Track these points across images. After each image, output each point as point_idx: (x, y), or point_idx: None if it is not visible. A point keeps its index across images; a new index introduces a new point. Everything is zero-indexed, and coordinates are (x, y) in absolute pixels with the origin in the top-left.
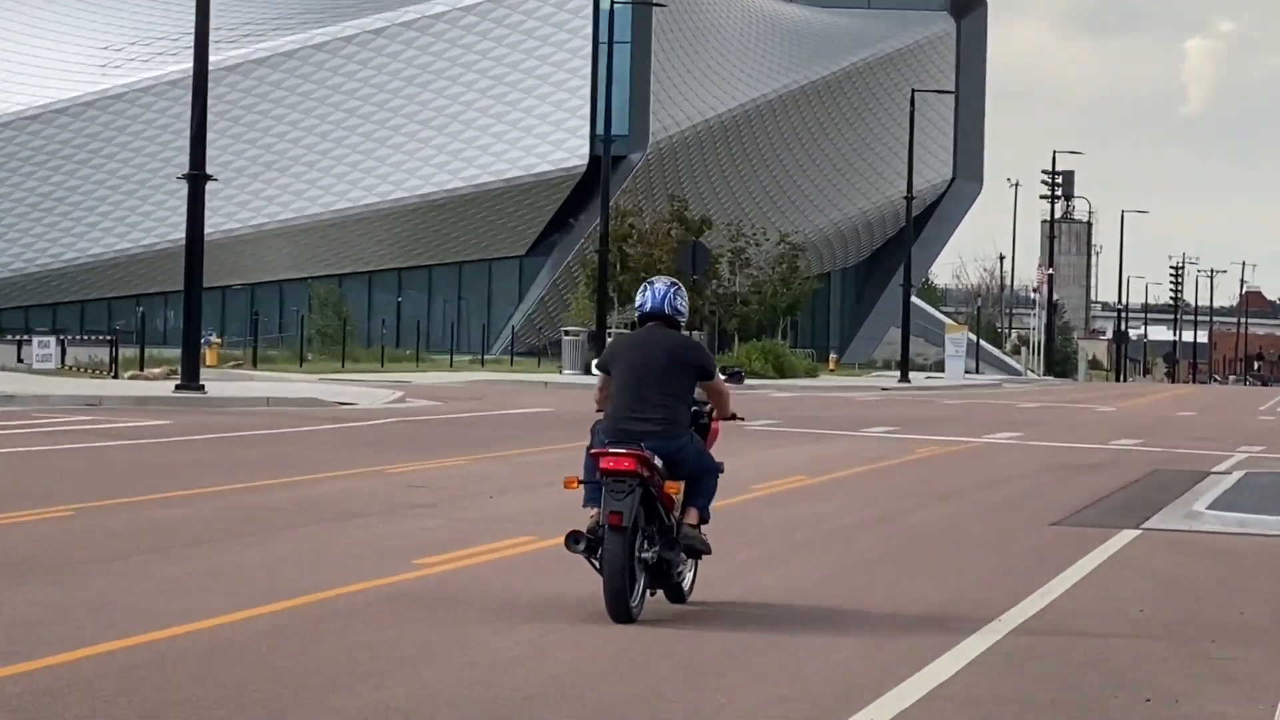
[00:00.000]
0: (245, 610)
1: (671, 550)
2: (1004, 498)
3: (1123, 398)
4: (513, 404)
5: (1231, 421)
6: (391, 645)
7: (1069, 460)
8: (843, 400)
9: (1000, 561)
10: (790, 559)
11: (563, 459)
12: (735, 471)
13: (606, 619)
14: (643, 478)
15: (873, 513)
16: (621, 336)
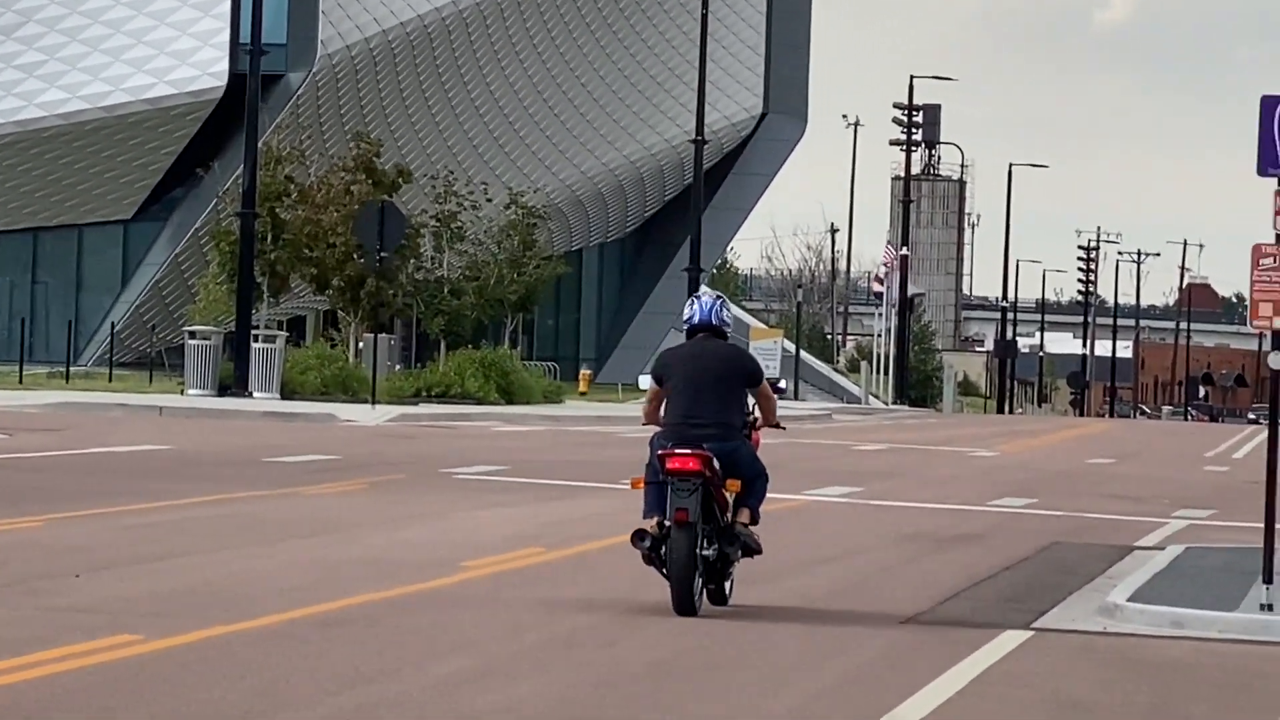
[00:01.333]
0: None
1: (731, 546)
2: (835, 581)
3: (1009, 437)
4: (112, 438)
5: (1166, 474)
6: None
7: (930, 527)
8: (599, 437)
9: (828, 676)
10: (518, 673)
11: (189, 518)
12: (441, 540)
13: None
14: (705, 477)
15: (641, 603)
16: (673, 349)
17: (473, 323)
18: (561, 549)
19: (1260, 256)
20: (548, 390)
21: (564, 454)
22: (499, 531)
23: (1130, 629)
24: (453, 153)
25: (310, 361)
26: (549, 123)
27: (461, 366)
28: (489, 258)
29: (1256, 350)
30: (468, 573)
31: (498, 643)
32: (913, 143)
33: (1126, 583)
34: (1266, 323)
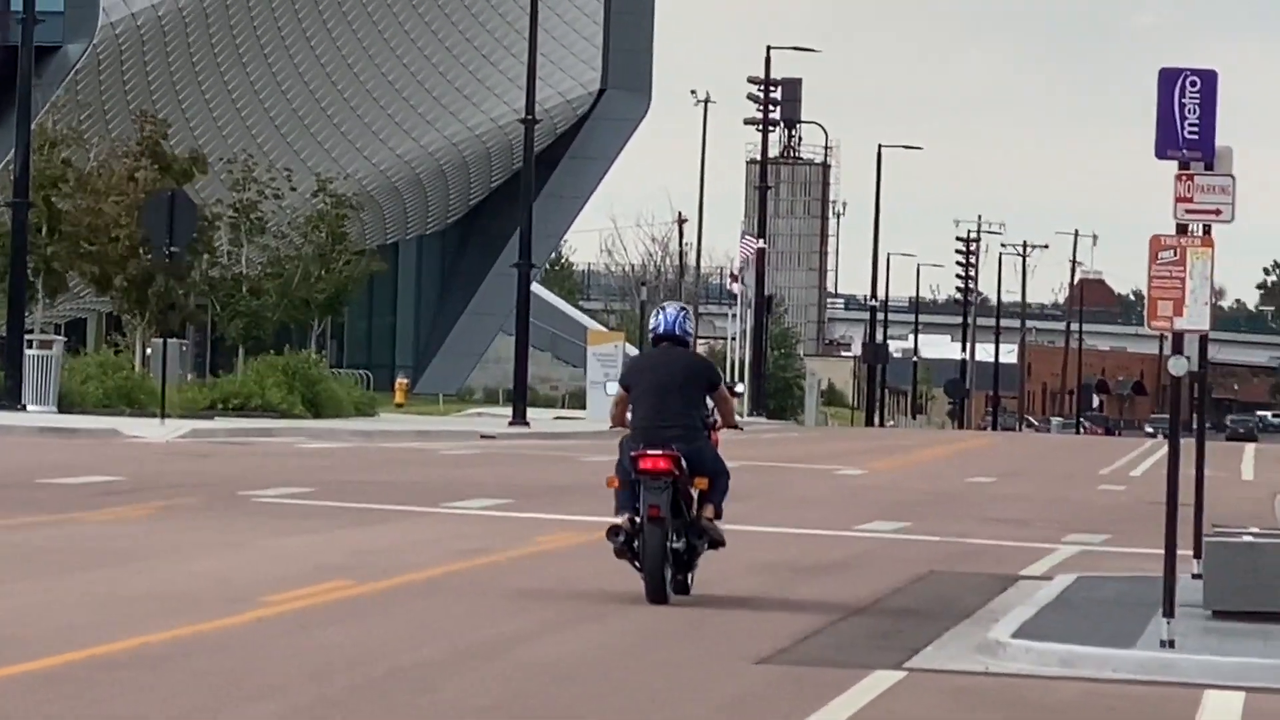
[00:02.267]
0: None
1: (699, 539)
2: (684, 616)
3: (879, 453)
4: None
5: (1055, 494)
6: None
7: (790, 556)
8: (417, 455)
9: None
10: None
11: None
12: (238, 572)
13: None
14: (675, 476)
15: (467, 642)
16: (639, 357)
17: (275, 326)
18: (373, 581)
19: (1159, 249)
20: (360, 402)
21: (377, 474)
22: (303, 562)
23: (1014, 669)
24: (252, 134)
25: (91, 370)
26: (361, 101)
27: (262, 375)
28: (293, 252)
29: (1157, 354)
30: (268, 608)
31: (303, 687)
32: (770, 122)
33: (1010, 617)
34: (1166, 323)
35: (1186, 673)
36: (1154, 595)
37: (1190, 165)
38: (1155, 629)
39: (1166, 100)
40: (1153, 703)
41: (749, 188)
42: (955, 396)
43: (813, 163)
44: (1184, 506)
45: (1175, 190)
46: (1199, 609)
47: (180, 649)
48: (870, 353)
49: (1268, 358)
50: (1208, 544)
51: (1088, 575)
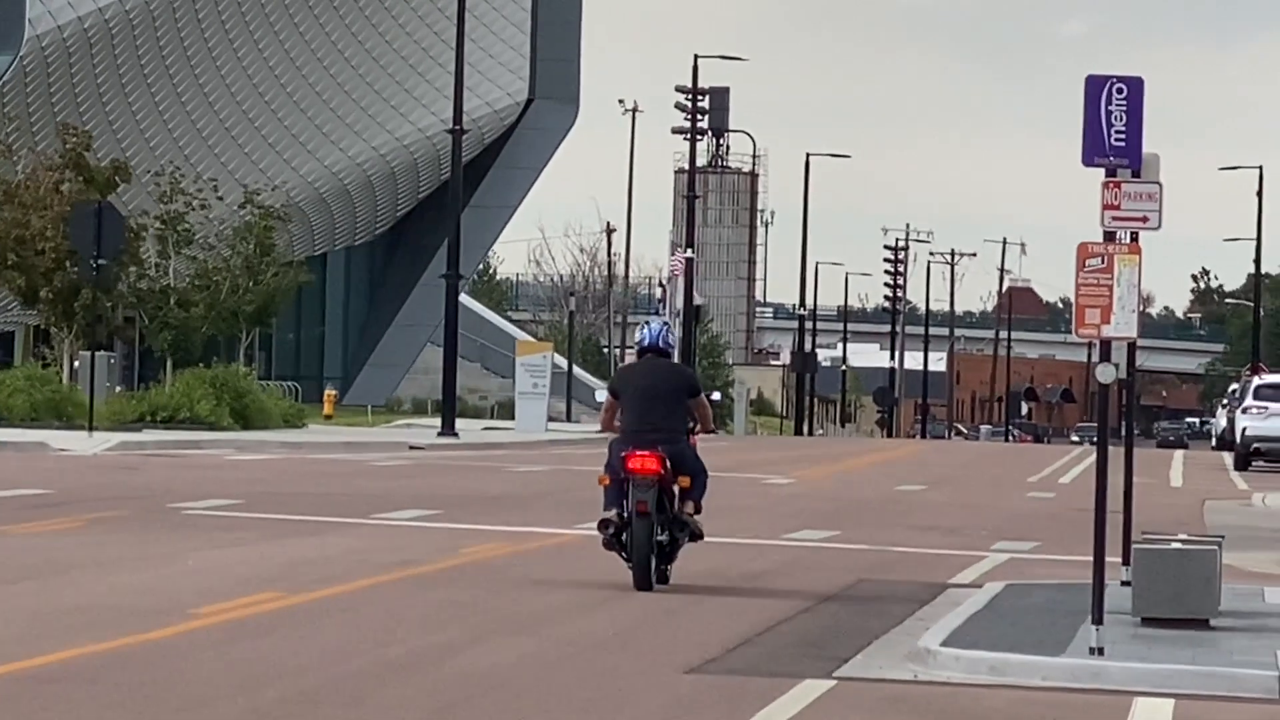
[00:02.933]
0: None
1: (682, 531)
2: (613, 626)
3: (808, 462)
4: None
5: (984, 501)
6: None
7: (717, 564)
8: (346, 466)
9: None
10: None
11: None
12: (168, 584)
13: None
14: (661, 474)
15: (396, 653)
16: (626, 366)
17: (203, 338)
18: (303, 593)
19: (1086, 256)
20: (288, 413)
21: (306, 485)
22: (233, 574)
23: (944, 677)
24: (179, 146)
25: (18, 383)
26: (288, 112)
27: (191, 387)
28: (221, 264)
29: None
30: (198, 621)
31: (231, 700)
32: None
33: (940, 625)
34: (1094, 331)
35: (1116, 680)
36: (1083, 602)
37: (1117, 172)
38: (1084, 636)
39: (1093, 107)
40: (1082, 710)
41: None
42: (884, 405)
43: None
44: (1113, 514)
45: (1102, 198)
46: (1128, 616)
47: (109, 662)
48: (799, 361)
49: (1196, 364)
50: (1136, 551)
51: (1017, 583)
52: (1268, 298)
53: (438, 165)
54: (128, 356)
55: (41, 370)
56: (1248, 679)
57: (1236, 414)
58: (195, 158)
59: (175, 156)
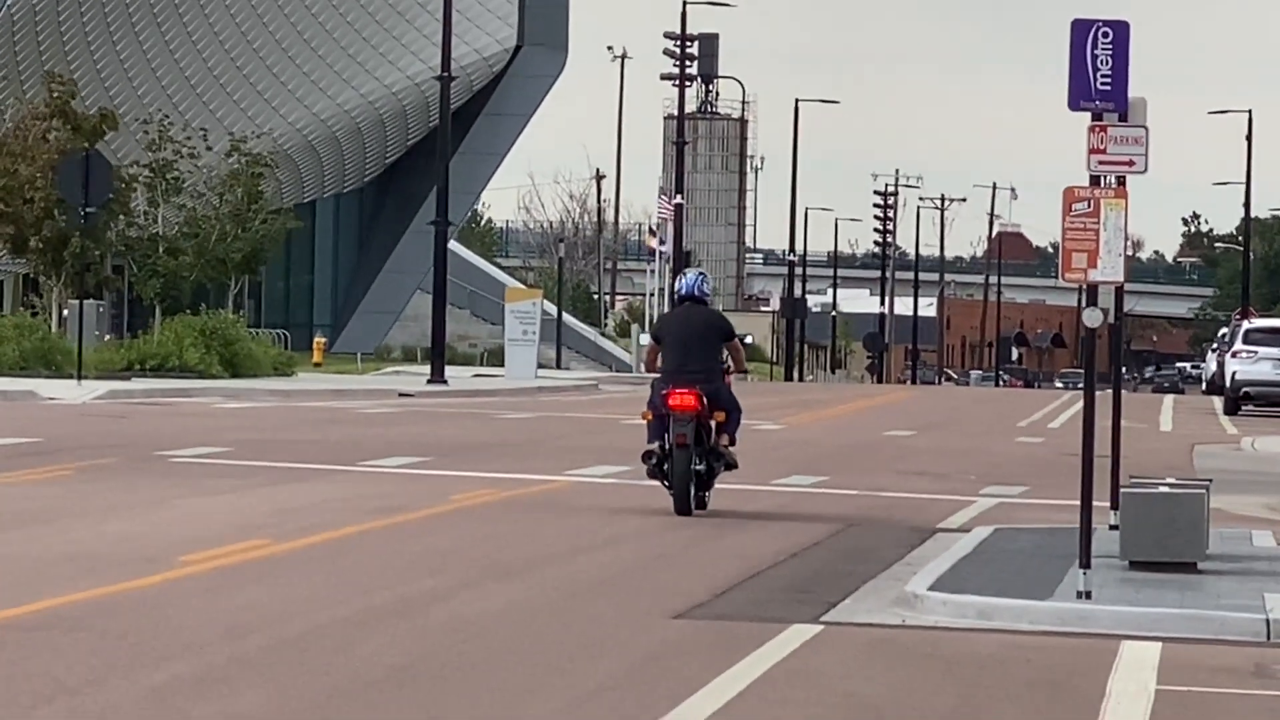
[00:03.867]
0: None
1: (718, 461)
2: (601, 573)
3: (797, 408)
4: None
5: (973, 445)
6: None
7: (707, 510)
8: (336, 413)
9: (594, 677)
10: (240, 680)
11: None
12: (156, 532)
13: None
14: (698, 411)
15: (383, 600)
16: (667, 314)
17: (192, 286)
18: (291, 540)
19: (1073, 201)
20: (277, 361)
21: (295, 433)
22: (221, 521)
23: (932, 621)
24: (167, 94)
25: (7, 332)
26: (276, 59)
27: (180, 336)
28: (210, 212)
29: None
30: (185, 568)
31: (218, 647)
32: (687, 77)
33: (928, 569)
34: (1081, 275)
35: (1103, 623)
36: (1071, 547)
37: (1103, 116)
38: (1072, 580)
39: (1079, 52)
40: (1070, 653)
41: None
42: (874, 350)
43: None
44: (1101, 458)
45: (1088, 142)
46: (1116, 560)
47: (95, 610)
48: (789, 307)
49: (1187, 309)
50: (1124, 495)
51: (1005, 527)
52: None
53: (426, 112)
54: (116, 305)
55: (30, 319)
56: (1235, 622)
57: (1226, 358)
58: (183, 105)
59: (163, 104)
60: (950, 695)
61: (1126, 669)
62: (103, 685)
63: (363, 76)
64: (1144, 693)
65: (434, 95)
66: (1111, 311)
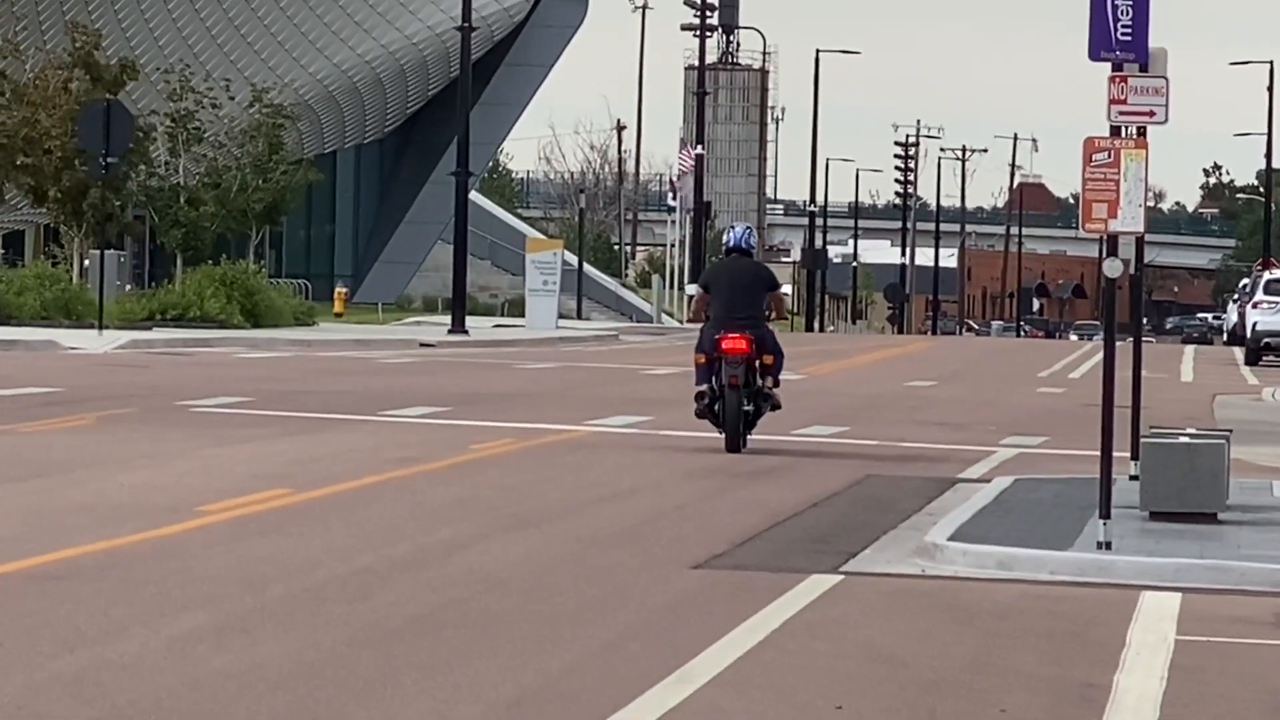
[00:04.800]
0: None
1: (765, 402)
2: (620, 523)
3: (818, 359)
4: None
5: (993, 396)
6: None
7: (726, 462)
8: (356, 363)
9: (612, 628)
10: (259, 630)
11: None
12: (176, 482)
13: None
14: (748, 354)
15: (402, 550)
16: (715, 264)
17: (213, 236)
18: (311, 490)
19: (1093, 151)
20: (299, 311)
21: (316, 383)
22: (241, 471)
23: (951, 571)
24: (188, 44)
25: (28, 282)
26: (297, 9)
27: (201, 286)
28: (231, 162)
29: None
30: (205, 518)
31: (238, 597)
32: (708, 28)
33: (948, 520)
34: (1101, 226)
35: (1123, 574)
36: (1091, 497)
37: (1124, 67)
38: (1092, 531)
39: (1100, 2)
40: (1090, 604)
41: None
42: (895, 301)
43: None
44: (1121, 409)
45: (1109, 92)
46: (1136, 510)
47: (115, 560)
48: (809, 258)
49: (1208, 260)
50: (1144, 445)
51: (1025, 477)
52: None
53: (447, 63)
54: (137, 255)
55: (51, 269)
56: (1255, 572)
57: (1247, 309)
58: (204, 56)
59: (184, 55)
60: (970, 645)
61: (1146, 619)
62: (124, 635)
63: (383, 27)
64: (1164, 643)
65: (455, 45)
66: (1132, 262)
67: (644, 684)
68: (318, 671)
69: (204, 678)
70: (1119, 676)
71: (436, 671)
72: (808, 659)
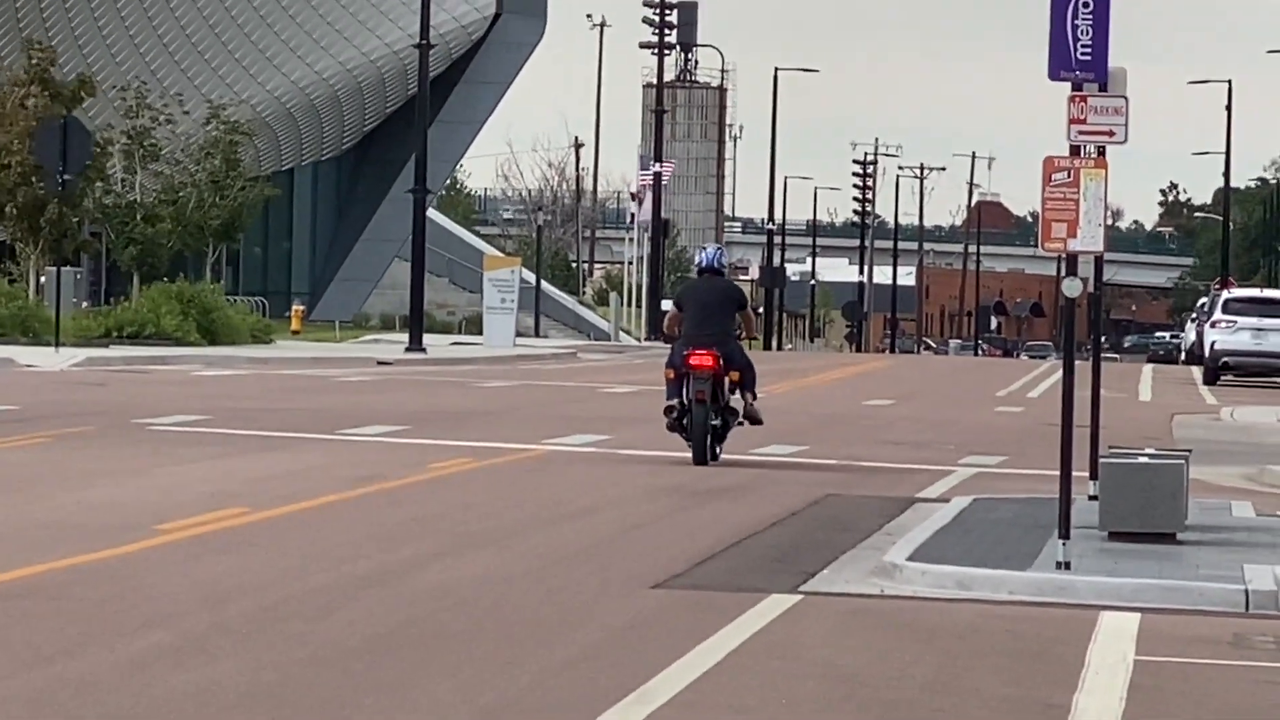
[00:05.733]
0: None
1: (733, 417)
2: (579, 542)
3: (776, 377)
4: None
5: (952, 415)
6: None
7: (685, 480)
8: (314, 381)
9: (571, 647)
10: (218, 649)
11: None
12: (134, 499)
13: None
14: (715, 370)
15: (361, 569)
16: (688, 283)
17: (170, 253)
18: (269, 509)
19: (1052, 170)
20: (256, 329)
21: (274, 401)
22: (199, 489)
23: (910, 591)
24: (145, 61)
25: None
26: (254, 26)
27: (157, 303)
28: (187, 179)
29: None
30: (163, 537)
31: (196, 616)
32: (666, 45)
33: (906, 539)
34: (1060, 245)
35: (1082, 594)
36: (1050, 517)
37: (1083, 87)
38: (1051, 551)
39: (1059, 21)
40: (1049, 624)
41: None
42: (853, 319)
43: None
44: (1080, 428)
45: (1068, 112)
46: (1095, 530)
47: (73, 577)
48: (767, 276)
49: (1166, 278)
50: (1103, 465)
51: (984, 497)
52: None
53: (405, 80)
54: (94, 272)
55: (8, 286)
56: (1214, 593)
57: (1205, 328)
58: (161, 73)
59: (141, 72)
60: (929, 665)
61: (1105, 639)
62: (82, 654)
63: (341, 44)
64: (1123, 663)
65: (413, 63)
66: (1091, 281)
67: (603, 704)
68: (276, 691)
69: (162, 697)
70: (1078, 696)
71: (396, 691)
72: (767, 679)
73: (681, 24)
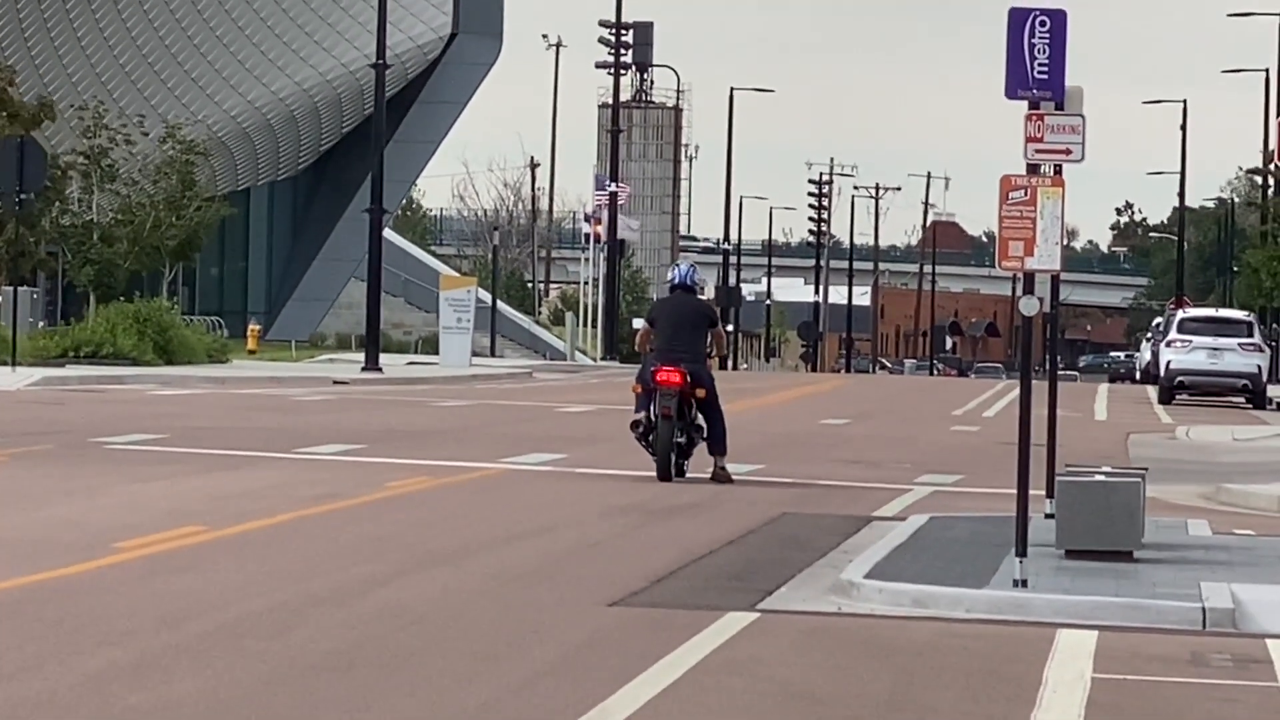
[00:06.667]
0: None
1: (697, 433)
2: (537, 560)
3: (732, 396)
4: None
5: (909, 434)
6: None
7: (642, 498)
8: (270, 400)
9: (529, 665)
10: (175, 667)
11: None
12: (91, 518)
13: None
14: (682, 387)
15: (319, 587)
16: (660, 300)
17: (127, 273)
18: (226, 527)
19: (1010, 189)
20: (212, 348)
21: (231, 420)
22: (156, 508)
23: (867, 609)
24: (102, 81)
25: None
26: (210, 46)
27: (114, 323)
28: (144, 199)
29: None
30: (121, 555)
31: (154, 634)
32: (622, 65)
33: (863, 557)
34: (1017, 264)
35: (1039, 612)
36: (1007, 535)
37: (1040, 105)
38: (1008, 569)
39: (1016, 40)
40: (1006, 642)
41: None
42: (809, 339)
43: (665, 106)
44: (1037, 447)
45: (1025, 130)
46: (1051, 549)
47: (31, 596)
48: (723, 296)
49: (1121, 298)
50: (1060, 484)
51: (941, 515)
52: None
53: (361, 100)
54: (50, 292)
55: None
56: (1171, 611)
57: (1160, 347)
58: (119, 93)
59: (99, 92)
60: (886, 683)
61: (1063, 657)
62: (39, 672)
63: (297, 64)
64: (1080, 681)
65: (369, 83)
66: (1048, 300)
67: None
68: (234, 709)
69: (119, 715)
70: (1036, 714)
71: (354, 709)
72: (724, 697)
73: (637, 44)
